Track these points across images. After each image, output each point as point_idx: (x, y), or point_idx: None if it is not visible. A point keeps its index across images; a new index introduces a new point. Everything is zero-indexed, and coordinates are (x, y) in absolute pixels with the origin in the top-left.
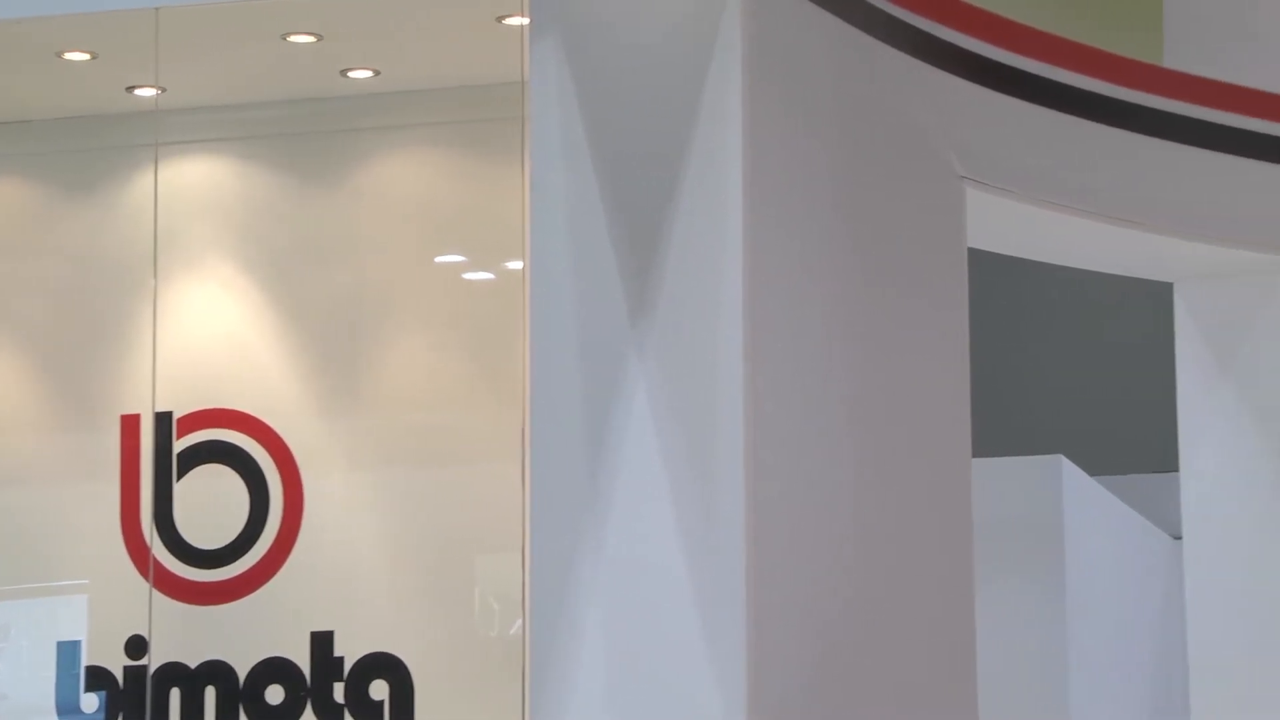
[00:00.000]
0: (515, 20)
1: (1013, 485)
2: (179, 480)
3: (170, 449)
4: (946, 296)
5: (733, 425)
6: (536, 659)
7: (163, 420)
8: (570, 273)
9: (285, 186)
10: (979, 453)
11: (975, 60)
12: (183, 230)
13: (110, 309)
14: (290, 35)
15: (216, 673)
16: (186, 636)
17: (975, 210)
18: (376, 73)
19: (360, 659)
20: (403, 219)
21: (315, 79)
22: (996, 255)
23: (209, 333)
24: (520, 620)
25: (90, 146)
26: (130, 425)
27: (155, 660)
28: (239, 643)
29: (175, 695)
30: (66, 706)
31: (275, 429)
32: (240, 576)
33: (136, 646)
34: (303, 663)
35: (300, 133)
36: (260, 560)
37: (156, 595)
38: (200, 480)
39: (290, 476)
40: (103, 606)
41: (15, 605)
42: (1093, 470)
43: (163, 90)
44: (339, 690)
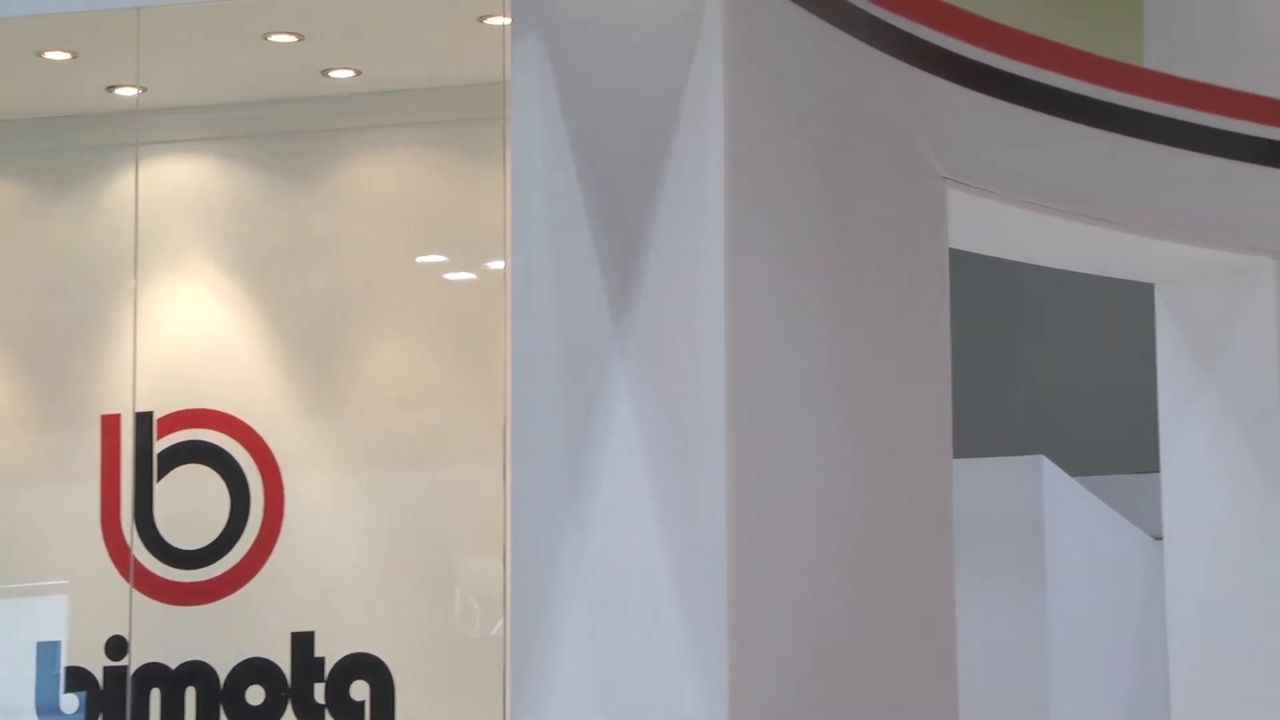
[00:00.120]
0: (497, 20)
1: (994, 486)
2: (159, 480)
3: (151, 449)
4: (928, 297)
5: (714, 425)
6: (517, 660)
7: (143, 420)
8: (552, 273)
9: (266, 186)
10: (960, 453)
11: (957, 61)
12: (163, 230)
13: (91, 309)
14: (271, 35)
15: (197, 673)
16: (167, 637)
17: (957, 211)
18: (358, 73)
19: (341, 659)
20: (384, 219)
21: (296, 79)
22: (978, 255)
23: (189, 333)
24: (501, 621)
25: (71, 146)
26: (110, 425)
27: (135, 661)
28: (219, 643)
29: (156, 696)
30: (46, 707)
31: (256, 429)
32: (221, 577)
33: (117, 647)
34: (283, 663)
35: (281, 133)
36: (241, 561)
37: (137, 595)
38: (181, 480)
39: (271, 477)
40: (83, 607)
41: None
42: (1074, 471)
43: (144, 90)
44: (320, 691)
